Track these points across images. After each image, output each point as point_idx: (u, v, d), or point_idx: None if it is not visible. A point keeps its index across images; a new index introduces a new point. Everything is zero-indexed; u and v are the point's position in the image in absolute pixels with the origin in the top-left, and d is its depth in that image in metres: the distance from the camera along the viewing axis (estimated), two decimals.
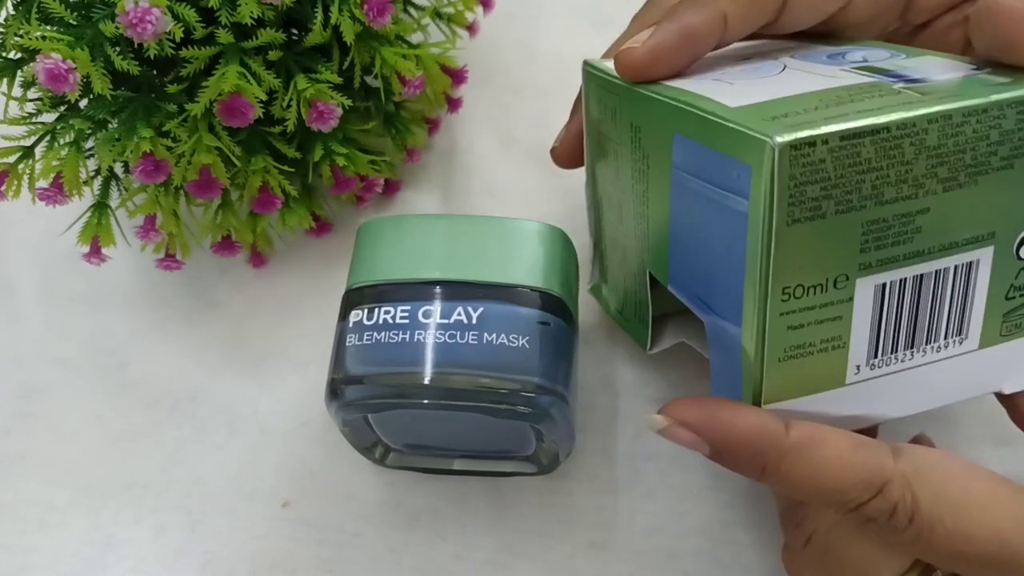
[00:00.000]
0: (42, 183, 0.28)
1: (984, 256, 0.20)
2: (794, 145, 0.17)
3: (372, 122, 0.32)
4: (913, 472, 0.19)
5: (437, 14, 0.34)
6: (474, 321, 0.23)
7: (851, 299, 0.19)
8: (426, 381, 0.23)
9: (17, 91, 0.28)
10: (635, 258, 0.27)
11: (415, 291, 0.24)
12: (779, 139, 0.17)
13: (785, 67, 0.23)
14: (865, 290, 0.19)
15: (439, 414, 0.24)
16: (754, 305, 0.19)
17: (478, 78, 0.37)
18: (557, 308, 0.24)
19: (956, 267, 0.20)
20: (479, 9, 0.35)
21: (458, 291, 0.24)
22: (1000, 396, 0.23)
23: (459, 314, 0.23)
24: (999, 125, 0.19)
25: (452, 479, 0.30)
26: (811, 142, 0.17)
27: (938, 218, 0.19)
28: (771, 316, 0.19)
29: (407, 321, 0.23)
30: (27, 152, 0.28)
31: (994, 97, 0.19)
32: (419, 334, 0.23)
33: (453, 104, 0.36)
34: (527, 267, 0.24)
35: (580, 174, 0.37)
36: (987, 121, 0.19)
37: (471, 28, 0.36)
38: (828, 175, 0.18)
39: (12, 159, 0.28)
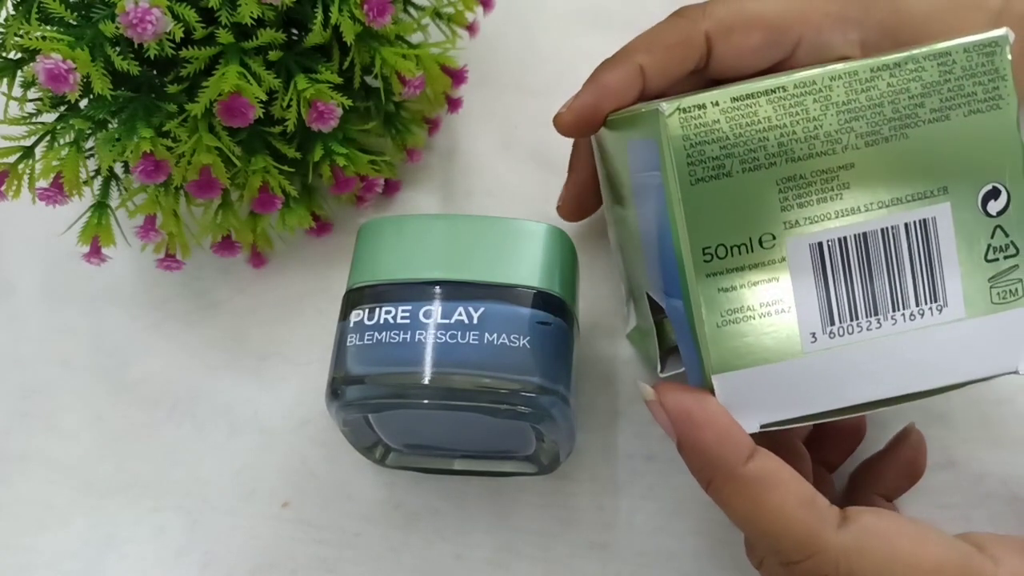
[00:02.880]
0: (42, 183, 0.28)
1: (940, 213, 0.19)
2: (682, 108, 0.18)
3: (372, 122, 0.32)
4: (855, 546, 0.19)
5: (437, 14, 0.34)
6: (474, 321, 0.23)
7: (783, 259, 0.19)
8: (426, 381, 0.23)
9: (17, 91, 0.28)
10: (642, 288, 0.26)
11: (415, 291, 0.24)
12: (667, 105, 0.19)
13: None
14: (798, 250, 0.19)
15: (439, 414, 0.24)
16: (683, 270, 0.19)
17: (478, 78, 0.37)
18: (557, 308, 0.24)
19: (907, 224, 0.19)
20: (479, 9, 0.35)
21: (458, 291, 0.24)
22: None
23: (459, 314, 0.23)
24: (919, 78, 0.19)
25: (452, 479, 0.30)
26: (700, 104, 0.19)
27: (867, 174, 0.19)
28: (698, 277, 0.19)
29: (408, 321, 0.23)
30: (27, 152, 0.28)
31: (907, 52, 0.19)
32: (420, 334, 0.23)
33: (453, 104, 0.36)
34: (527, 267, 0.24)
35: None
36: (903, 75, 0.19)
37: (471, 28, 0.36)
38: (725, 134, 0.19)
39: (12, 159, 0.28)
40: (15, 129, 0.28)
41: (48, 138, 0.28)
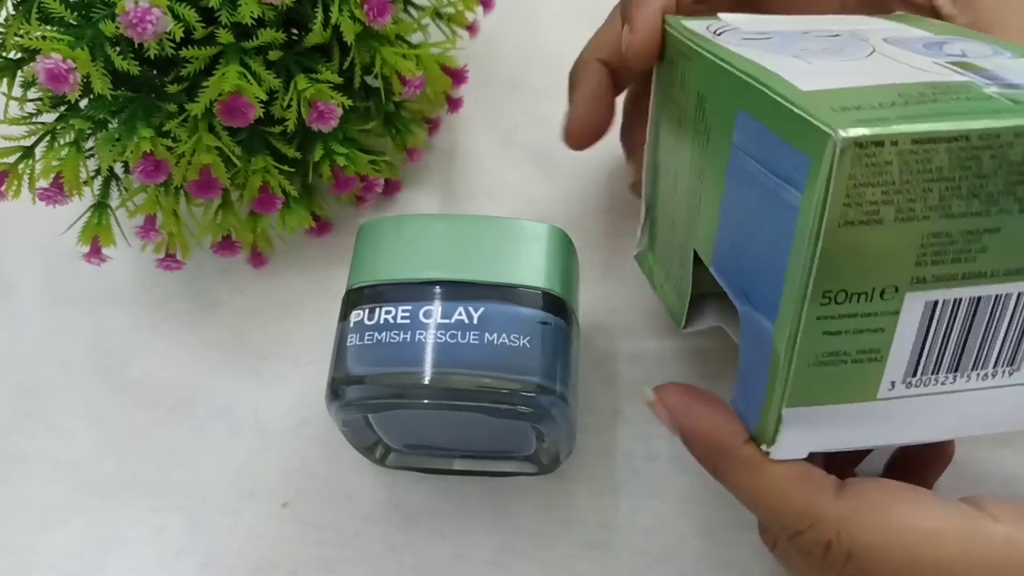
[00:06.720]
0: (42, 183, 0.28)
1: None
2: (859, 143, 0.16)
3: (372, 122, 0.32)
4: (851, 512, 0.19)
5: (437, 14, 0.34)
6: (475, 321, 0.23)
7: (897, 313, 0.18)
8: (427, 381, 0.23)
9: (17, 91, 0.28)
10: (682, 232, 0.25)
11: (416, 291, 0.24)
12: (843, 134, 0.16)
13: (874, 51, 0.21)
14: (914, 305, 0.18)
15: (439, 414, 0.24)
16: (792, 304, 0.18)
17: (478, 78, 0.37)
18: (558, 308, 0.24)
19: (1020, 295, 0.18)
20: (479, 9, 0.35)
21: (458, 291, 0.24)
22: None
23: (460, 314, 0.23)
24: None
25: (452, 479, 0.30)
26: (878, 141, 0.16)
27: (1007, 240, 0.18)
28: (807, 318, 0.18)
29: (408, 321, 0.23)
30: (27, 152, 0.28)
31: None
32: (420, 334, 0.23)
33: (453, 104, 0.36)
34: (528, 267, 0.24)
35: (580, 174, 0.37)
36: None
37: (471, 28, 0.36)
38: (892, 179, 0.16)
39: (12, 159, 0.28)
40: (15, 129, 0.28)
41: (48, 138, 0.28)
